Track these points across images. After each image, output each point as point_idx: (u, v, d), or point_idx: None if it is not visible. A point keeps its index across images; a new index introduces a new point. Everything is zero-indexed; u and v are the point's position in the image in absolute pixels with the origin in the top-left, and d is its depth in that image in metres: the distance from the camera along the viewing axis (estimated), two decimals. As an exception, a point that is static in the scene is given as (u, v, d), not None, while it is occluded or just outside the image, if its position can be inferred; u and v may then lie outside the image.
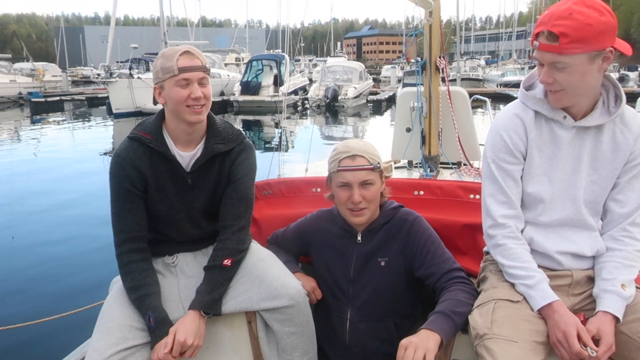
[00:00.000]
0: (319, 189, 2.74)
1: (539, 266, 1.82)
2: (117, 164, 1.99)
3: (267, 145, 16.52)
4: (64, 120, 24.76)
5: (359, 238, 2.16)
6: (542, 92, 1.84)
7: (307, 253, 2.35)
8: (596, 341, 1.62)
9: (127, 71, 24.97)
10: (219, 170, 2.08)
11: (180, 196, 2.06)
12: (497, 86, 33.77)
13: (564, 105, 1.76)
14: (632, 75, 41.01)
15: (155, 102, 2.10)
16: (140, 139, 2.00)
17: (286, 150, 14.27)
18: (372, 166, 2.05)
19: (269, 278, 2.00)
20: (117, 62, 37.73)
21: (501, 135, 1.86)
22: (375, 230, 2.14)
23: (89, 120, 24.60)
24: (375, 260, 2.12)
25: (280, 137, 16.02)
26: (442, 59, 4.52)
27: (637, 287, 1.77)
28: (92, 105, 30.58)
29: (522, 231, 1.88)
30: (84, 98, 32.56)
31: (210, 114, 2.08)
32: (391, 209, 2.17)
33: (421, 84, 4.57)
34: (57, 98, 31.34)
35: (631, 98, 12.31)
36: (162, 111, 2.06)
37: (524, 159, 1.86)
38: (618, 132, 1.79)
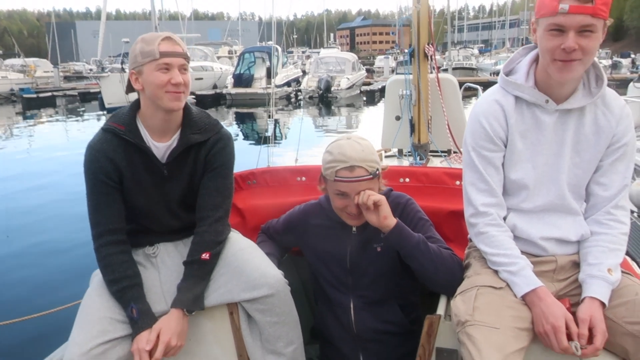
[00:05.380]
0: (304, 178, 2.70)
1: (523, 252, 1.79)
2: (91, 155, 1.94)
3: (259, 137, 16.44)
4: (57, 115, 24.60)
5: (354, 229, 2.12)
6: (522, 77, 1.79)
7: (299, 246, 2.32)
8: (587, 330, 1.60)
9: (119, 65, 24.78)
10: (194, 161, 2.04)
11: (157, 188, 2.02)
12: (490, 75, 33.74)
13: (574, 77, 1.68)
14: (625, 62, 41.22)
15: (128, 91, 2.03)
16: (113, 130, 1.94)
17: (278, 142, 14.22)
18: (371, 176, 1.96)
19: (248, 268, 1.97)
20: (109, 56, 37.47)
21: (480, 122, 1.81)
22: None
23: (81, 116, 24.46)
24: (371, 247, 2.10)
25: (274, 128, 15.95)
26: (430, 46, 4.49)
27: (622, 272, 1.75)
28: (84, 100, 30.39)
29: (504, 218, 1.85)
30: (76, 93, 32.25)
31: (187, 103, 2.03)
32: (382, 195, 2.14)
33: (410, 73, 4.54)
34: (50, 94, 30.97)
35: (623, 84, 12.31)
36: (137, 101, 2.01)
37: (505, 146, 1.82)
38: (600, 115, 1.76)
